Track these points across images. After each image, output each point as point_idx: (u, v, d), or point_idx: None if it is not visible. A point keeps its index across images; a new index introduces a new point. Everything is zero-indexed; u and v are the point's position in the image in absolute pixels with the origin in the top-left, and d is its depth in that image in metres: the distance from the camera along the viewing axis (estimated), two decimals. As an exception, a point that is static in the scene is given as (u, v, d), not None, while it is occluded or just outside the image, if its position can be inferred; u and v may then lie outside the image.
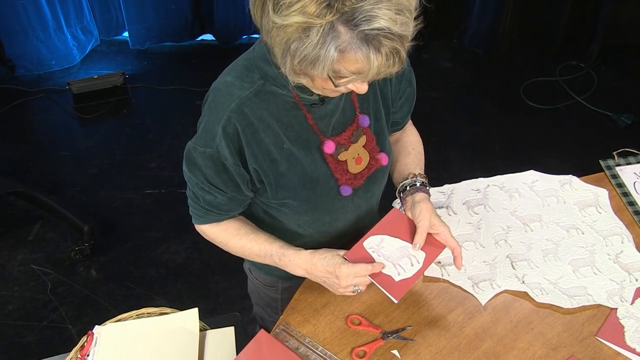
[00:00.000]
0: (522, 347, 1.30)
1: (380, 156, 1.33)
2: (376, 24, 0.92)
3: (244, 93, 1.15)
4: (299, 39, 0.95)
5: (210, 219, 1.32)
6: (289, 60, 1.00)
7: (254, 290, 1.66)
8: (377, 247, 1.30)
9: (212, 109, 1.18)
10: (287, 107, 1.19)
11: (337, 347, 1.30)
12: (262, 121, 1.17)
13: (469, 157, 3.07)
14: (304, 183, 1.25)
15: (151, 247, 2.68)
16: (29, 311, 2.44)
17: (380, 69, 0.97)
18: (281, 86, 1.16)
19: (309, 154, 1.24)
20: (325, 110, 1.23)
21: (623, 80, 3.52)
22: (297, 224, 1.36)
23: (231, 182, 1.23)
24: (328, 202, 1.31)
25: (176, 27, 3.67)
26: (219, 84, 1.20)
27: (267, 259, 1.33)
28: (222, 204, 1.27)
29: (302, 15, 0.92)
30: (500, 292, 1.40)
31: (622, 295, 1.39)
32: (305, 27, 0.94)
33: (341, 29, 0.93)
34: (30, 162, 3.07)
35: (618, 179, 1.65)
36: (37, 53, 3.49)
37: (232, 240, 1.34)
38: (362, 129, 1.29)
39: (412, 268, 1.27)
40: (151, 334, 1.51)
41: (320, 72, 0.98)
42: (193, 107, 3.36)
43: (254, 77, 1.16)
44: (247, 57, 1.19)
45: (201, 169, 1.21)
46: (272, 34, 0.99)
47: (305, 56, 0.96)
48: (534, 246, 1.49)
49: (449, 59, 3.67)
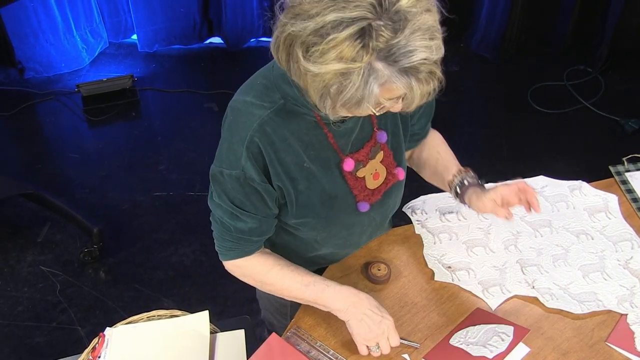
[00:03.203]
0: (533, 352, 1.30)
1: (397, 171, 1.34)
2: (415, 58, 0.92)
3: (265, 113, 1.14)
4: (340, 83, 0.95)
5: (242, 250, 1.28)
6: (329, 102, 1.00)
7: (262, 296, 1.66)
8: (465, 339, 1.30)
9: (234, 129, 1.17)
10: (308, 126, 1.18)
11: (348, 350, 1.30)
12: (284, 140, 1.16)
13: (477, 161, 3.06)
14: (323, 201, 1.25)
15: (159, 249, 2.69)
16: (38, 312, 2.45)
17: (423, 93, 0.98)
18: (302, 105, 1.15)
19: (328, 171, 1.23)
20: (345, 128, 1.22)
21: (631, 85, 3.51)
22: (314, 240, 1.37)
23: (261, 202, 1.22)
24: (345, 218, 1.31)
25: (184, 30, 3.69)
26: (238, 104, 1.18)
27: (307, 292, 1.29)
28: (254, 229, 1.24)
29: (340, 61, 0.92)
30: (510, 297, 1.40)
31: (632, 301, 1.39)
32: (344, 73, 0.94)
33: (380, 66, 0.93)
34: (40, 164, 3.09)
35: (628, 185, 1.65)
36: (46, 55, 3.51)
37: (272, 271, 1.30)
38: (379, 144, 1.28)
39: (503, 342, 1.28)
40: (162, 336, 1.52)
41: (364, 109, 1.00)
42: (201, 109, 3.37)
43: (274, 97, 1.15)
44: (265, 75, 1.18)
45: (229, 193, 1.20)
46: (306, 79, 0.99)
47: (349, 99, 0.97)
48: (543, 251, 1.49)
49: (456, 63, 3.67)
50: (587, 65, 3.58)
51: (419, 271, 1.46)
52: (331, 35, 0.91)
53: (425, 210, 1.59)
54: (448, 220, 1.56)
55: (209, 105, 3.40)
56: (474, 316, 1.35)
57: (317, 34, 0.92)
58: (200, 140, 3.17)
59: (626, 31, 3.49)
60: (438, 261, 1.47)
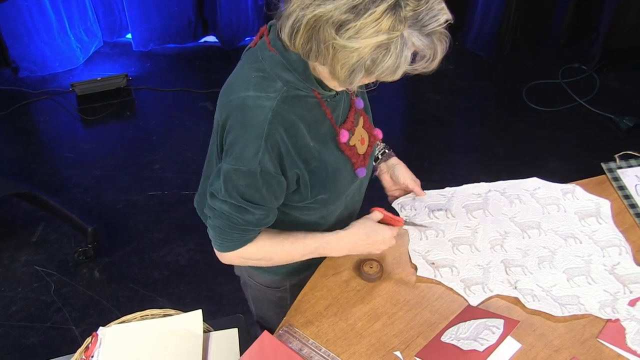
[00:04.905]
0: (524, 349, 1.30)
1: (376, 132, 1.44)
2: (441, 20, 1.03)
3: (273, 103, 1.15)
4: (378, 55, 1.02)
5: (246, 238, 1.29)
6: (360, 75, 1.06)
7: (259, 296, 1.65)
8: (456, 335, 1.30)
9: (248, 126, 1.16)
10: (309, 107, 1.22)
11: (340, 348, 1.31)
12: (293, 126, 1.19)
13: (472, 159, 3.07)
14: (331, 175, 1.29)
15: (154, 248, 2.69)
16: (33, 312, 2.45)
17: (443, 51, 1.08)
18: (303, 88, 1.18)
19: (328, 146, 1.27)
20: (337, 102, 1.28)
21: (625, 83, 3.52)
22: (320, 216, 1.39)
23: (270, 194, 1.23)
24: (348, 186, 1.37)
25: (179, 28, 3.68)
26: (243, 101, 1.17)
27: (310, 255, 1.38)
28: (261, 219, 1.26)
29: (379, 34, 1.00)
30: (491, 297, 1.40)
31: (614, 306, 1.37)
32: (384, 44, 1.01)
33: (410, 34, 1.02)
34: (34, 164, 3.08)
35: (620, 182, 1.66)
36: (41, 55, 3.50)
37: (277, 250, 1.34)
38: (358, 111, 1.35)
39: (494, 335, 1.28)
40: (155, 336, 1.52)
41: (398, 75, 1.07)
42: (196, 108, 3.37)
43: (277, 86, 1.16)
44: (258, 67, 1.18)
45: (240, 189, 1.20)
46: (337, 56, 1.04)
47: (387, 68, 1.05)
48: (530, 253, 1.49)
49: (451, 61, 3.67)
50: (581, 63, 3.58)
51: (411, 269, 1.46)
52: (370, 9, 0.98)
53: (414, 207, 1.59)
54: (436, 217, 1.57)
55: (204, 104, 3.39)
56: (465, 313, 1.36)
57: (353, 11, 0.99)
58: (195, 139, 3.17)
59: (620, 29, 3.49)
60: (422, 257, 1.47)
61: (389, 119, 3.32)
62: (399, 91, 3.51)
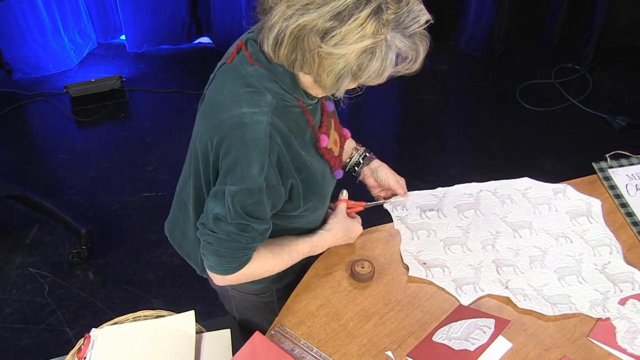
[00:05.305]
0: (515, 348, 1.31)
1: (345, 132, 1.47)
2: (421, 21, 1.05)
3: (268, 117, 1.15)
4: (364, 59, 1.04)
5: (249, 256, 1.28)
6: (346, 81, 1.08)
7: (245, 305, 1.62)
8: (447, 334, 1.31)
9: (249, 143, 1.15)
10: (295, 117, 1.22)
11: (332, 348, 1.31)
12: (287, 136, 1.20)
13: (466, 159, 3.08)
14: (318, 180, 1.31)
15: (149, 249, 2.68)
16: (27, 314, 2.44)
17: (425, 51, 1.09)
18: (289, 99, 1.19)
19: (309, 152, 1.28)
20: (316, 108, 1.30)
21: (618, 83, 3.53)
22: (307, 222, 1.41)
23: (270, 205, 1.23)
24: (328, 190, 1.39)
25: (173, 30, 3.68)
26: (240, 119, 1.15)
27: (302, 258, 1.41)
28: (264, 232, 1.26)
29: (364, 39, 1.01)
30: (483, 296, 1.41)
31: (605, 305, 1.38)
32: (369, 49, 1.02)
33: (393, 36, 1.04)
34: (28, 166, 3.07)
35: (610, 181, 1.66)
36: (34, 56, 3.49)
37: (278, 263, 1.36)
38: (329, 114, 1.36)
39: (485, 335, 1.28)
40: (148, 337, 1.52)
41: (384, 78, 1.08)
42: (190, 110, 3.36)
43: (267, 99, 1.16)
44: (245, 83, 1.17)
45: (247, 208, 1.18)
46: (323, 64, 1.05)
47: (373, 72, 1.06)
48: (521, 252, 1.50)
49: (445, 61, 3.67)
50: (574, 63, 3.59)
51: (403, 269, 1.46)
52: (354, 15, 1.00)
53: (406, 207, 1.59)
54: (428, 217, 1.57)
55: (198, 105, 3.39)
56: (457, 313, 1.36)
57: (337, 17, 1.00)
58: (190, 141, 3.16)
59: (613, 29, 3.51)
60: (414, 257, 1.48)
61: (383, 120, 3.32)
62: (393, 92, 3.51)
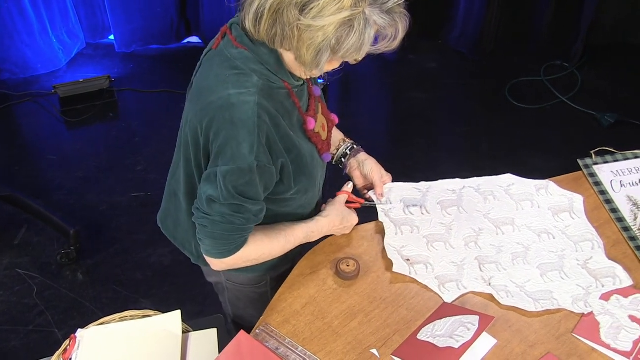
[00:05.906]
0: (500, 345, 1.31)
1: (332, 117, 1.48)
2: None
3: (255, 97, 1.16)
4: (342, 32, 1.06)
5: (245, 238, 1.28)
6: (326, 55, 1.09)
7: (239, 297, 1.63)
8: (432, 332, 1.31)
9: (238, 123, 1.15)
10: (282, 98, 1.24)
11: (317, 346, 1.31)
12: (275, 116, 1.21)
13: (456, 157, 3.08)
14: (308, 162, 1.31)
15: (138, 250, 2.68)
16: (15, 316, 2.43)
17: (404, 29, 1.11)
18: (275, 80, 1.20)
19: (298, 134, 1.29)
20: (302, 91, 1.30)
21: (606, 80, 3.55)
22: (299, 206, 1.41)
23: (263, 186, 1.23)
24: (317, 172, 1.39)
25: (162, 29, 3.67)
26: (227, 100, 1.16)
27: (298, 244, 1.41)
28: (258, 213, 1.26)
29: (342, 11, 1.02)
30: (465, 293, 1.41)
31: (587, 300, 1.39)
32: (348, 21, 1.04)
33: (371, 12, 1.05)
34: (16, 166, 3.06)
35: (595, 178, 1.67)
36: (22, 57, 3.47)
37: (274, 246, 1.36)
38: (317, 98, 1.37)
39: (469, 332, 1.28)
40: (134, 337, 1.52)
41: (362, 54, 1.10)
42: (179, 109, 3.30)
43: (253, 80, 1.18)
44: (231, 66, 1.18)
45: (239, 188, 1.19)
46: (302, 38, 1.07)
47: (352, 46, 1.07)
48: (504, 249, 1.50)
49: (435, 59, 3.68)
50: (563, 61, 3.61)
51: (388, 267, 1.46)
52: None
53: (390, 200, 1.59)
54: (411, 213, 1.57)
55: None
56: (441, 310, 1.36)
57: None
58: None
59: (601, 27, 3.53)
60: (398, 252, 1.48)
61: (373, 118, 3.33)
62: (382, 90, 3.52)
